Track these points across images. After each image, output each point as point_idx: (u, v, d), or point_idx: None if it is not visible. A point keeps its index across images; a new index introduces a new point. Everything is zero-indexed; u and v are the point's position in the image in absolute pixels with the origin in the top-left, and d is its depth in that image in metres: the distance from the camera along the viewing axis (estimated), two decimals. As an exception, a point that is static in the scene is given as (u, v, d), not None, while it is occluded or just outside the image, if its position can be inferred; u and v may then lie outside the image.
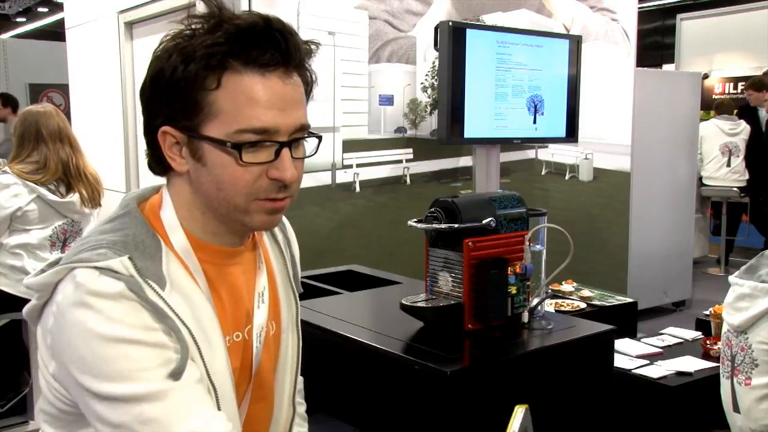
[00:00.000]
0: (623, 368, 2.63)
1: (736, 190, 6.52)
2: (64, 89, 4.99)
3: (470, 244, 1.85)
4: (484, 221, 1.89)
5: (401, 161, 3.68)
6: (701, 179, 6.55)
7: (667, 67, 10.59)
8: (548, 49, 3.52)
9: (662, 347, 2.92)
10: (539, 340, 1.91)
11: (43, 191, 3.08)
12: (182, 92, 1.00)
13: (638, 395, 2.59)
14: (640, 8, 5.10)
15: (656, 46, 13.05)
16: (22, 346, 3.51)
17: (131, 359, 0.93)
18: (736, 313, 1.98)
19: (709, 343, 2.83)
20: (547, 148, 4.28)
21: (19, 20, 14.49)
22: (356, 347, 1.86)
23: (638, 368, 2.66)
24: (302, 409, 1.39)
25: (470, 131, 3.23)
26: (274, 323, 1.20)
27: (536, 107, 3.48)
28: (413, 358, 1.71)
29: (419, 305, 1.92)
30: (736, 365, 1.98)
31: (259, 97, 0.99)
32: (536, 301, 2.00)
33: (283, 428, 1.25)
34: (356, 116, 3.53)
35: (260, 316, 1.15)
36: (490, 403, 1.71)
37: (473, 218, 1.88)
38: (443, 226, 1.88)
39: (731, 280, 2.05)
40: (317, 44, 1.07)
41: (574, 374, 1.90)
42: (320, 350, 1.85)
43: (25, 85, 5.81)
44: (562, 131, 3.64)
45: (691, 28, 8.57)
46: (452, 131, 3.17)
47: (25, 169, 3.07)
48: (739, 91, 7.90)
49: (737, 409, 1.99)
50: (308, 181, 3.30)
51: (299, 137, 1.05)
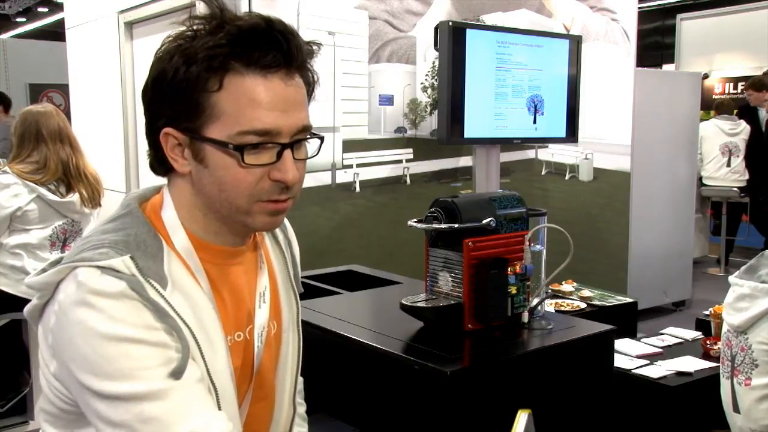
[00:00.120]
0: (623, 368, 2.63)
1: (736, 190, 6.52)
2: (64, 89, 4.99)
3: (470, 244, 1.85)
4: (484, 221, 1.89)
5: (401, 161, 3.68)
6: (701, 179, 6.55)
7: (667, 67, 10.59)
8: (548, 49, 3.52)
9: (662, 347, 2.92)
10: (539, 340, 1.91)
11: (43, 191, 3.08)
12: (184, 94, 1.00)
13: (638, 395, 2.59)
14: (640, 8, 5.10)
15: (656, 46, 13.05)
16: (22, 346, 3.51)
17: (132, 358, 0.93)
18: (736, 313, 1.98)
19: (709, 343, 2.83)
20: (547, 148, 4.28)
21: (19, 20, 14.49)
22: (356, 347, 1.86)
23: (638, 368, 2.66)
24: (302, 409, 1.39)
25: (470, 131, 3.24)
26: (275, 323, 1.20)
27: (536, 107, 3.48)
28: (413, 358, 1.71)
29: (419, 305, 1.92)
30: (736, 365, 1.98)
31: (261, 98, 0.99)
32: (536, 301, 2.00)
33: (283, 428, 1.25)
34: (356, 116, 3.52)
35: (261, 315, 1.15)
36: (490, 403, 1.71)
37: (473, 218, 1.88)
38: (443, 226, 1.88)
39: (731, 280, 2.05)
40: (319, 45, 1.07)
41: (574, 374, 1.91)
42: (320, 350, 1.85)
43: (25, 85, 5.81)
44: (562, 131, 3.64)
45: (691, 28, 8.57)
46: (452, 131, 3.17)
47: (25, 169, 3.07)
48: (739, 91, 7.89)
49: (737, 409, 1.99)
50: (308, 181, 3.27)
51: (301, 138, 1.05)
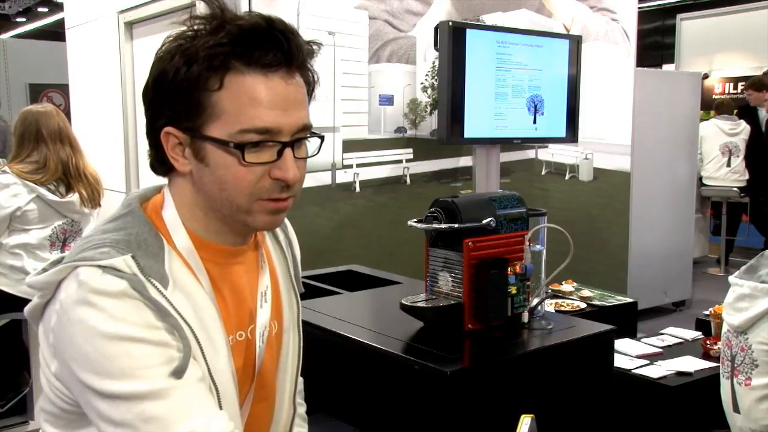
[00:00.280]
0: (623, 368, 2.63)
1: (736, 190, 6.52)
2: (64, 89, 4.98)
3: (470, 244, 1.85)
4: (484, 221, 1.89)
5: (401, 161, 3.68)
6: (701, 179, 6.55)
7: (667, 67, 10.59)
8: (548, 49, 3.52)
9: (662, 347, 2.92)
10: (539, 340, 1.91)
11: (42, 191, 3.08)
12: (185, 93, 1.00)
13: (638, 395, 2.59)
14: (640, 8, 5.10)
15: (656, 46, 13.04)
16: (22, 346, 3.51)
17: (134, 357, 0.93)
18: (736, 313, 1.98)
19: (709, 343, 2.83)
20: (547, 148, 4.28)
21: (19, 20, 14.49)
22: (356, 347, 1.86)
23: (638, 368, 2.66)
24: (302, 409, 1.39)
25: (470, 131, 3.24)
26: (276, 323, 1.20)
27: (536, 107, 3.48)
28: (413, 358, 1.71)
29: (419, 305, 1.92)
30: (736, 365, 1.98)
31: (261, 97, 1.00)
32: (536, 301, 2.00)
33: (283, 428, 1.25)
34: (356, 116, 3.52)
35: (263, 315, 1.15)
36: (490, 403, 1.71)
37: (473, 218, 1.88)
38: (443, 226, 1.88)
39: (731, 280, 2.04)
40: (319, 44, 1.07)
41: (574, 374, 1.91)
42: (320, 350, 1.85)
43: (25, 85, 5.80)
44: (562, 131, 3.64)
45: (691, 28, 8.57)
46: (452, 131, 3.17)
47: (24, 168, 3.07)
48: (739, 91, 7.89)
49: (737, 409, 1.99)
50: (308, 181, 3.27)
51: (301, 137, 1.05)
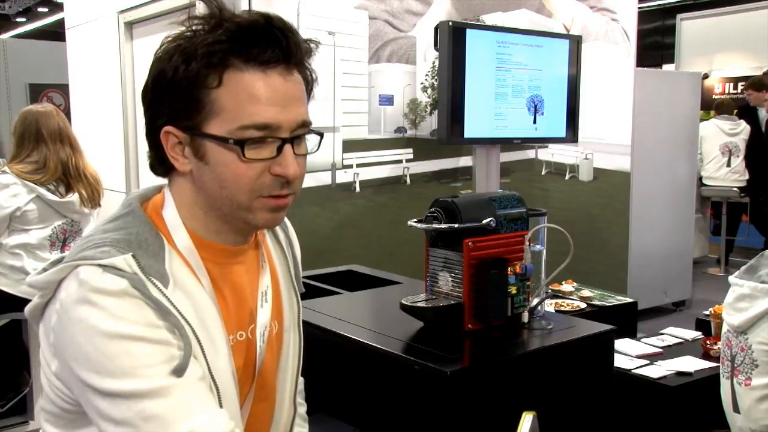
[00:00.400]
0: (623, 368, 2.63)
1: (736, 190, 6.52)
2: (64, 89, 4.97)
3: (470, 244, 1.85)
4: (484, 221, 1.89)
5: (401, 161, 3.68)
6: (701, 179, 6.55)
7: (667, 67, 10.59)
8: (548, 49, 3.52)
9: (662, 347, 2.92)
10: (539, 340, 1.91)
11: (42, 191, 3.07)
12: (184, 91, 1.00)
13: (638, 395, 2.59)
14: (640, 8, 5.10)
15: (656, 46, 13.05)
16: (22, 346, 3.51)
17: (134, 356, 0.93)
18: (736, 313, 1.98)
19: (709, 343, 2.83)
20: (547, 148, 4.28)
21: (19, 20, 14.50)
22: (356, 347, 1.86)
23: (638, 368, 2.66)
24: (303, 409, 1.39)
25: (470, 131, 3.23)
26: (276, 323, 1.20)
27: (536, 107, 3.48)
28: (413, 358, 1.71)
29: (419, 305, 1.92)
30: (736, 365, 1.98)
31: (260, 93, 1.00)
32: (536, 301, 2.00)
33: (283, 428, 1.25)
34: (356, 116, 3.52)
35: (263, 315, 1.16)
36: (490, 403, 1.71)
37: (473, 218, 1.88)
38: (443, 226, 1.87)
39: (731, 280, 2.04)
40: (317, 43, 1.07)
41: (574, 374, 1.90)
42: (320, 350, 1.85)
43: (25, 85, 5.79)
44: (562, 131, 3.64)
45: (691, 28, 8.57)
46: (452, 131, 3.17)
47: (24, 169, 3.07)
48: (739, 91, 7.89)
49: (737, 409, 1.99)
50: (308, 181, 3.29)
51: (301, 133, 1.05)
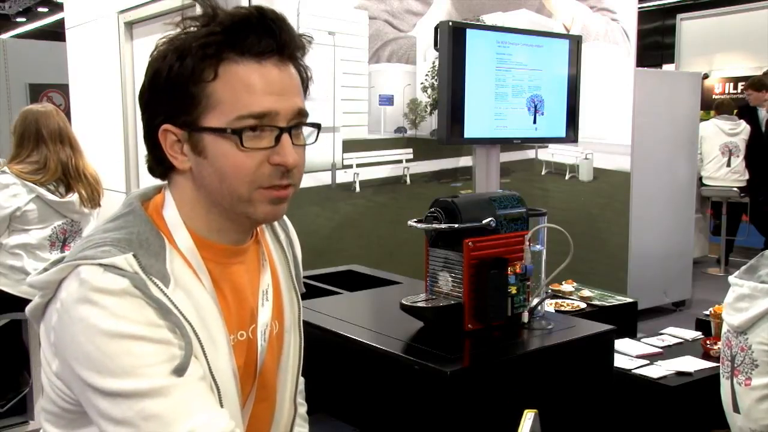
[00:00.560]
0: (623, 368, 2.63)
1: (736, 190, 6.52)
2: (64, 89, 4.98)
3: (470, 244, 1.85)
4: (484, 221, 1.89)
5: (401, 161, 3.68)
6: (701, 179, 6.55)
7: (667, 67, 10.59)
8: (548, 49, 3.52)
9: (662, 347, 2.92)
10: (539, 340, 1.91)
11: (42, 191, 3.07)
12: (180, 88, 1.01)
13: (638, 395, 2.59)
14: (640, 8, 5.10)
15: (656, 46, 13.04)
16: (22, 346, 3.51)
17: (135, 355, 0.93)
18: (735, 313, 1.98)
19: (709, 343, 2.83)
20: (547, 148, 4.28)
21: (19, 20, 14.49)
22: (356, 347, 1.86)
23: (638, 368, 2.66)
24: (303, 410, 1.39)
25: (470, 131, 3.23)
26: (277, 322, 1.20)
27: (536, 107, 3.48)
28: (413, 358, 1.71)
29: (419, 305, 1.92)
30: (736, 366, 1.98)
31: (256, 83, 1.01)
32: (536, 301, 2.00)
33: (284, 429, 1.25)
34: (356, 116, 3.52)
35: (264, 313, 1.16)
36: (490, 403, 1.71)
37: (473, 218, 1.88)
38: (443, 226, 1.87)
39: (731, 280, 2.04)
40: (310, 38, 1.08)
41: (574, 374, 1.90)
42: (320, 350, 1.85)
43: (25, 85, 5.79)
44: (562, 131, 3.63)
45: (691, 28, 8.57)
46: (452, 131, 3.17)
47: (24, 169, 3.07)
48: (739, 91, 7.89)
49: (737, 409, 1.99)
50: (308, 181, 3.30)
51: (299, 123, 1.05)
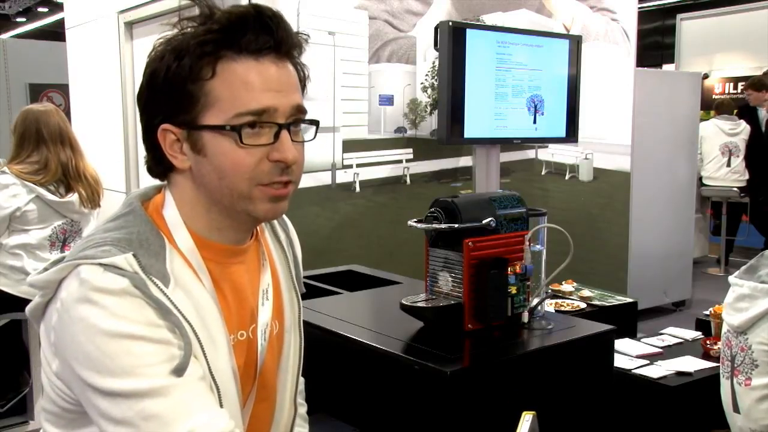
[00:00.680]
0: (623, 368, 2.63)
1: (736, 190, 6.52)
2: (64, 89, 4.98)
3: (470, 244, 1.85)
4: (484, 221, 1.89)
5: (401, 161, 3.68)
6: (701, 179, 6.55)
7: (667, 67, 10.59)
8: (548, 49, 3.52)
9: (662, 347, 2.92)
10: (539, 340, 1.91)
11: (42, 191, 3.07)
12: (178, 87, 1.01)
13: (638, 395, 2.59)
14: (640, 8, 5.10)
15: (656, 46, 13.05)
16: (22, 346, 3.51)
17: (134, 355, 0.93)
18: (735, 313, 1.98)
19: (709, 343, 2.83)
20: (547, 148, 4.28)
21: (19, 20, 14.50)
22: (356, 347, 1.86)
23: (638, 368, 2.66)
24: (303, 410, 1.39)
25: (470, 131, 3.23)
26: (277, 323, 1.20)
27: (536, 107, 3.48)
28: (413, 358, 1.71)
29: (419, 305, 1.92)
30: (736, 366, 1.98)
31: (254, 80, 1.01)
32: (536, 301, 2.00)
33: (284, 429, 1.25)
34: (356, 116, 3.52)
35: (265, 313, 1.16)
36: (490, 403, 1.71)
37: (473, 218, 1.88)
38: (443, 226, 1.87)
39: (731, 280, 2.04)
40: (307, 36, 1.08)
41: (574, 374, 1.90)
42: (320, 350, 1.85)
43: (25, 85, 5.79)
44: (562, 131, 3.63)
45: (691, 28, 8.57)
46: (452, 131, 3.17)
47: (24, 169, 3.07)
48: (739, 91, 7.89)
49: (737, 409, 1.99)
50: (308, 181, 3.30)
51: (297, 119, 1.05)
